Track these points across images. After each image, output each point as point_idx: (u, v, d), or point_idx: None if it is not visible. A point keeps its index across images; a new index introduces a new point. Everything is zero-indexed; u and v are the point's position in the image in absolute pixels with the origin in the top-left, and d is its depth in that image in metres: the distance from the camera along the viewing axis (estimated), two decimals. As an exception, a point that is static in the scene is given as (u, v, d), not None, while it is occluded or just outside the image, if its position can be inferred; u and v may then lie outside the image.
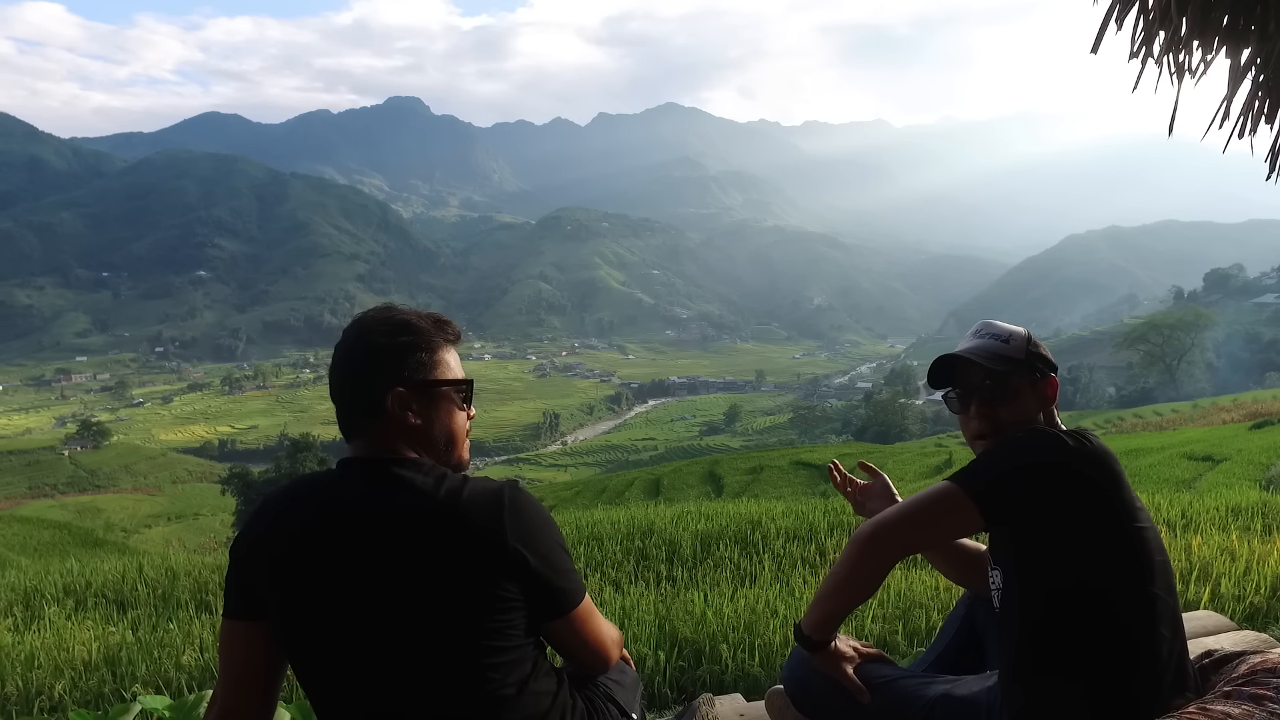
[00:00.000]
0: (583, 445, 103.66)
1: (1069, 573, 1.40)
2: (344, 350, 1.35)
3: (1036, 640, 1.44)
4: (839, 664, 1.69)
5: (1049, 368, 1.61)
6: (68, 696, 3.01)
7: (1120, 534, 1.41)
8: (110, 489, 62.98)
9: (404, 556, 1.23)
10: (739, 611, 3.40)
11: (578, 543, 5.79)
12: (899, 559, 1.53)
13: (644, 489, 23.67)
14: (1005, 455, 1.46)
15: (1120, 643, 1.39)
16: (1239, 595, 3.34)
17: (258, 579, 1.30)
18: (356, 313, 1.44)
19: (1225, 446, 15.70)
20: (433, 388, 1.37)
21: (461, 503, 1.24)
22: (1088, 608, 1.40)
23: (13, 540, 19.80)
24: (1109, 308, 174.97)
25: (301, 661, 1.32)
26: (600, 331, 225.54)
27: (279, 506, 1.32)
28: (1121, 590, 1.40)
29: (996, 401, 1.59)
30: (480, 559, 1.23)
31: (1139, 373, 62.26)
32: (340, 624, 1.26)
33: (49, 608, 4.99)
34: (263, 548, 1.30)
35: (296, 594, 1.28)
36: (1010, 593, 1.49)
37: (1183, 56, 1.89)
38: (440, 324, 1.40)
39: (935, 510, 1.45)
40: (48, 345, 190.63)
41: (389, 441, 1.33)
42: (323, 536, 1.27)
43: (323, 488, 1.32)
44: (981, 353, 1.62)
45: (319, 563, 1.26)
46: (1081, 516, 1.40)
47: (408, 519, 1.24)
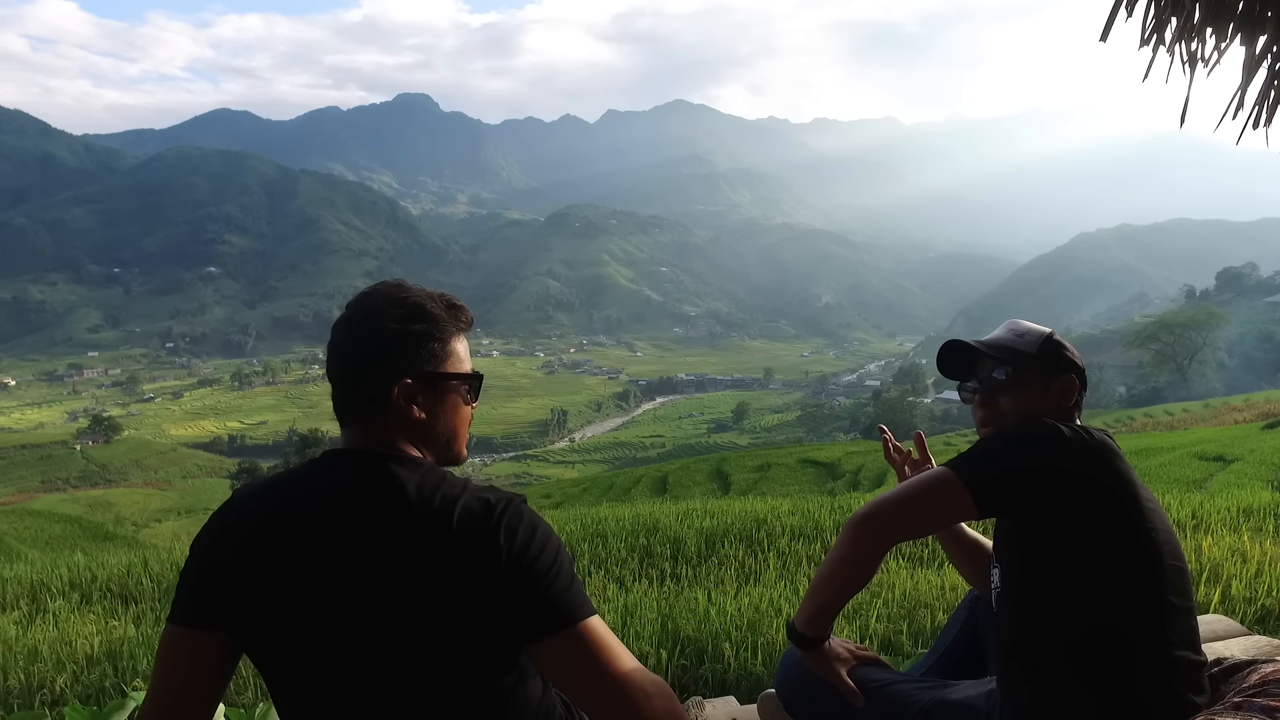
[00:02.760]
0: (590, 442, 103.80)
1: (1071, 572, 1.37)
2: (351, 332, 1.24)
3: (1036, 641, 1.41)
4: (833, 666, 1.65)
5: (1068, 368, 1.56)
6: (69, 690, 3.00)
7: (1126, 533, 1.37)
8: (121, 483, 63.44)
9: (385, 562, 1.13)
10: (742, 610, 3.37)
11: (582, 540, 5.75)
12: (894, 543, 1.51)
13: (651, 486, 23.64)
14: (1002, 444, 1.45)
15: (1121, 647, 1.35)
16: (1250, 597, 3.30)
17: (222, 576, 1.17)
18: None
19: (1237, 446, 15.53)
20: (442, 381, 1.27)
21: (456, 510, 1.14)
22: (1090, 610, 1.36)
23: (25, 533, 19.98)
24: (1120, 306, 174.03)
25: (269, 665, 1.20)
26: (608, 328, 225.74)
27: (257, 499, 1.21)
28: (1127, 593, 1.36)
29: (998, 391, 1.58)
30: (467, 571, 1.12)
31: (1150, 372, 61.78)
32: (312, 628, 1.16)
33: (54, 601, 5.01)
34: (231, 540, 1.18)
35: (267, 593, 1.16)
36: (1009, 591, 1.47)
37: (1195, 45, 1.83)
38: (454, 309, 1.31)
39: (931, 495, 1.44)
40: (60, 340, 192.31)
41: (387, 434, 1.23)
42: (299, 534, 1.16)
43: (306, 481, 1.20)
44: (991, 344, 1.61)
45: (295, 561, 1.15)
46: (1083, 513, 1.37)
47: (394, 523, 1.14)
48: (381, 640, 1.14)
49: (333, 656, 1.16)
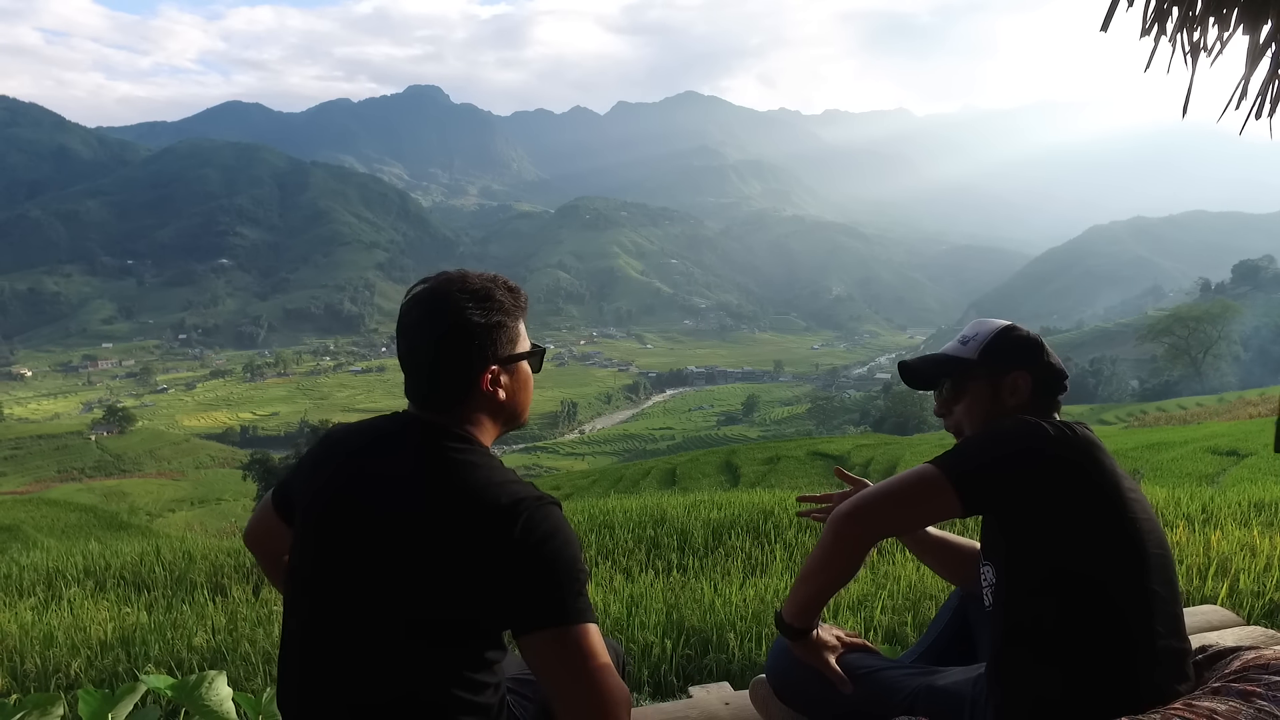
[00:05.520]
0: (600, 434, 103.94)
1: (1058, 565, 1.38)
2: (431, 325, 1.31)
3: (1025, 634, 1.41)
4: (821, 653, 1.67)
5: (1015, 364, 1.56)
6: (83, 675, 3.06)
7: (1111, 525, 1.38)
8: (135, 473, 64.06)
9: (415, 529, 1.22)
10: (748, 601, 3.40)
11: (589, 531, 5.77)
12: (878, 540, 1.51)
13: (660, 478, 23.64)
14: (986, 441, 1.46)
15: (1110, 637, 1.36)
16: (1258, 591, 3.28)
17: (295, 487, 1.39)
18: (402, 292, 1.40)
19: (1251, 441, 15.35)
20: (519, 361, 1.37)
21: (491, 494, 1.22)
22: (1077, 601, 1.37)
23: (41, 522, 20.18)
24: (1133, 300, 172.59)
25: (289, 581, 1.35)
26: (618, 321, 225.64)
27: (346, 440, 1.36)
28: (1113, 583, 1.37)
29: (950, 401, 1.62)
30: (483, 551, 1.19)
31: (1163, 366, 61.28)
32: (332, 568, 1.28)
33: (69, 588, 5.08)
34: (308, 465, 1.37)
35: (315, 521, 1.31)
36: (1001, 586, 1.48)
37: (1197, 34, 1.81)
38: (514, 293, 1.39)
39: (916, 492, 1.44)
40: (75, 332, 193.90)
41: (468, 413, 1.33)
42: (356, 485, 1.28)
43: (384, 439, 1.32)
44: (932, 359, 1.66)
45: (340, 508, 1.28)
46: (1068, 506, 1.38)
47: (433, 496, 1.22)
48: (384, 593, 1.22)
49: (337, 597, 1.26)
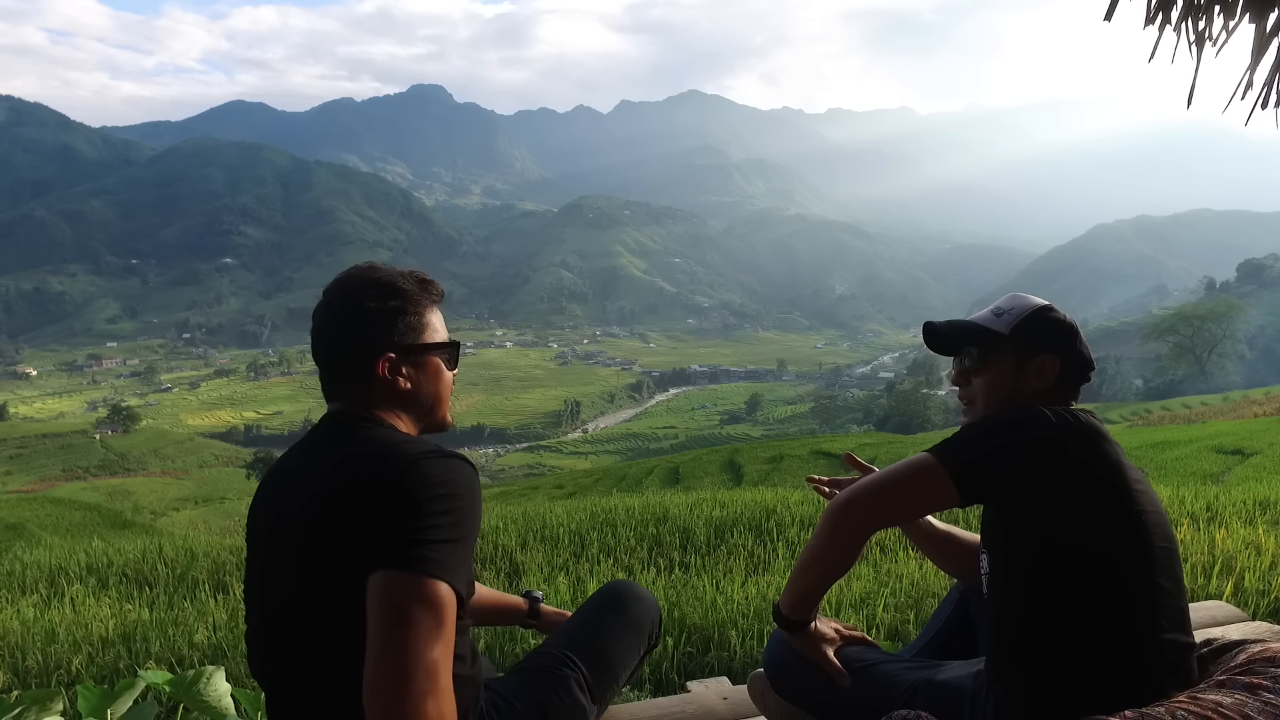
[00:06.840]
0: (604, 433, 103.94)
1: (1058, 557, 1.35)
2: (331, 314, 1.34)
3: (1024, 624, 1.39)
4: (819, 646, 1.65)
5: (1047, 348, 1.51)
6: (84, 671, 3.07)
7: (1114, 516, 1.35)
8: (140, 472, 64.18)
9: (320, 498, 1.20)
10: (749, 598, 3.39)
11: (591, 529, 5.77)
12: (874, 530, 1.49)
13: (663, 477, 23.63)
14: (985, 430, 1.43)
15: (1113, 629, 1.33)
16: (1263, 590, 3.26)
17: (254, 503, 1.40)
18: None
19: (1256, 440, 15.28)
20: (422, 351, 1.36)
21: (406, 457, 1.19)
22: (1078, 592, 1.34)
23: (46, 521, 20.24)
24: (1137, 298, 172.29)
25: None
26: (622, 319, 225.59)
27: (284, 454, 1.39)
28: (1116, 575, 1.34)
29: (970, 372, 1.58)
30: (373, 503, 1.16)
31: (1168, 365, 61.11)
32: (256, 554, 1.31)
33: (71, 586, 5.09)
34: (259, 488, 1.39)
35: (253, 523, 1.34)
36: (997, 576, 1.45)
37: (1202, 24, 1.77)
38: (424, 284, 1.39)
39: (912, 481, 1.41)
40: (79, 331, 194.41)
41: (372, 404, 1.33)
42: (273, 476, 1.32)
43: (302, 442, 1.34)
44: (964, 325, 1.61)
45: (260, 500, 1.33)
46: (1069, 497, 1.35)
47: (345, 465, 1.21)
48: (299, 570, 1.21)
49: (264, 584, 1.29)
